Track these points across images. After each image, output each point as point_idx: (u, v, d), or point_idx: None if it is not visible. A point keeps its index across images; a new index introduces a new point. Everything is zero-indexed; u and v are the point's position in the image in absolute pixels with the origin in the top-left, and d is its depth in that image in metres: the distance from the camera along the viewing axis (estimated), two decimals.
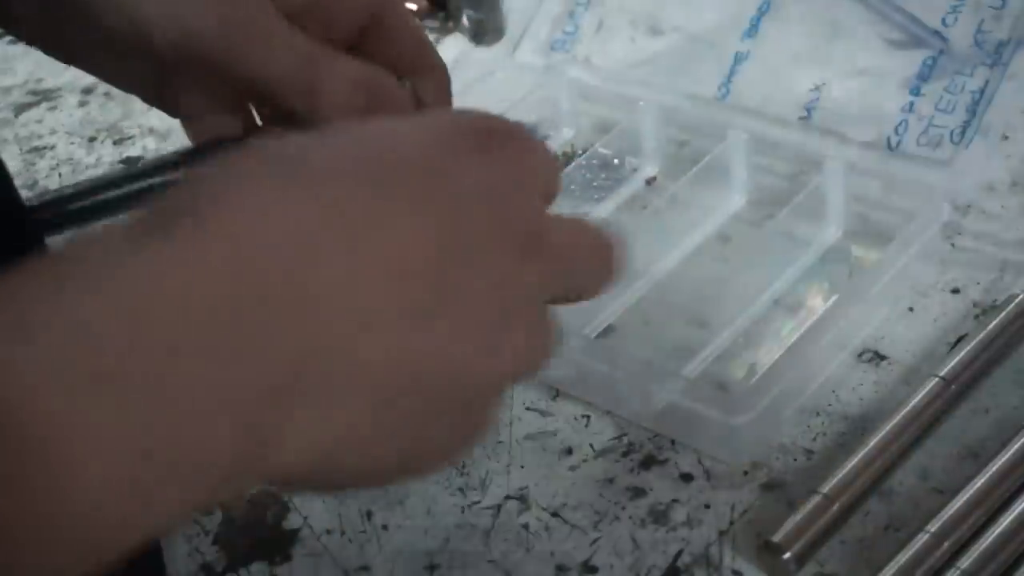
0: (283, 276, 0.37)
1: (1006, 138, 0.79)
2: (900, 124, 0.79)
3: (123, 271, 0.35)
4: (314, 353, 0.37)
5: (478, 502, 0.65)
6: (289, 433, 0.37)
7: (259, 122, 0.61)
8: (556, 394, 0.70)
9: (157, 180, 0.56)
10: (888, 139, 0.79)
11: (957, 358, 0.66)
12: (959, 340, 0.68)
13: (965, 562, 0.57)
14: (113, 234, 0.37)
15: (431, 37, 0.72)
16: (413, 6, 0.94)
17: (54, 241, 0.54)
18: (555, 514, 0.64)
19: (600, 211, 0.79)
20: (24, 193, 0.87)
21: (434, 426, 0.42)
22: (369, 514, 0.66)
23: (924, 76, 0.81)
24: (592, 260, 0.46)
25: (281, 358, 0.36)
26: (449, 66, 0.62)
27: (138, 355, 0.34)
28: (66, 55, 0.60)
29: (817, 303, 0.72)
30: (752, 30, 0.86)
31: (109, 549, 0.34)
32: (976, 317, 0.70)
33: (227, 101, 0.59)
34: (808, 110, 0.82)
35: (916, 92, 0.80)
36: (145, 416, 0.34)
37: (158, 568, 0.63)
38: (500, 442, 0.68)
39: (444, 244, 0.40)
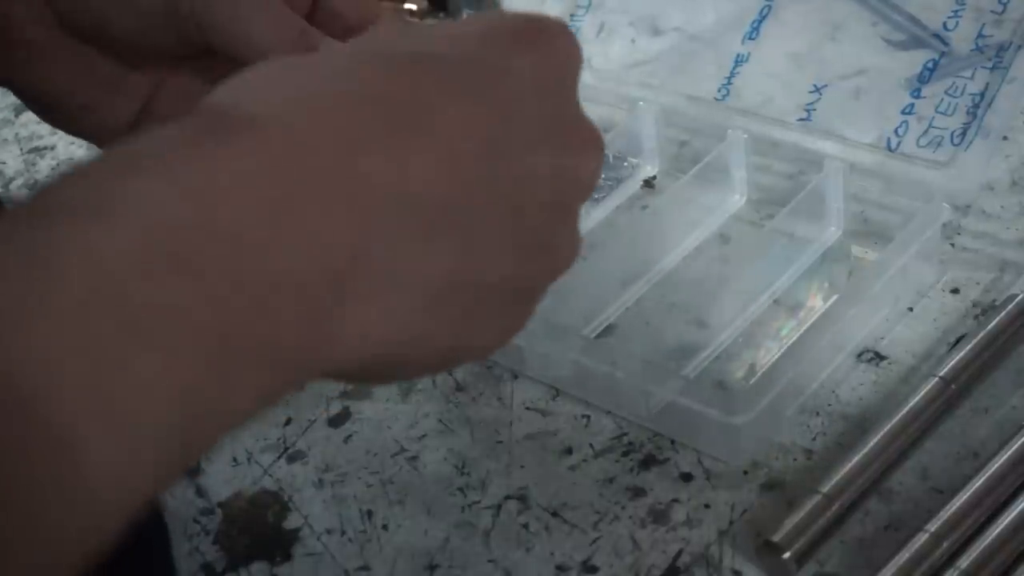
0: (335, 166, 0.37)
1: (1006, 139, 0.79)
2: (900, 125, 0.79)
3: (188, 166, 0.35)
4: (368, 243, 0.37)
5: (478, 502, 0.65)
6: (349, 324, 0.37)
7: None
8: (556, 394, 0.70)
9: None
10: (888, 140, 0.79)
11: (957, 358, 0.66)
12: (959, 340, 0.68)
13: (965, 562, 0.57)
14: (167, 136, 0.37)
15: None
16: (413, 6, 0.94)
17: None
18: (555, 514, 0.64)
19: (600, 211, 0.79)
20: (26, 194, 0.87)
21: (485, 317, 0.42)
22: (369, 514, 0.66)
23: (924, 79, 0.81)
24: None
25: (338, 247, 0.37)
26: None
27: (212, 242, 0.34)
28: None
29: (817, 303, 0.72)
30: (753, 32, 0.86)
31: (198, 439, 0.34)
32: (976, 317, 0.70)
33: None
34: (808, 110, 0.82)
35: (917, 94, 0.80)
36: (221, 301, 0.34)
37: (167, 569, 0.63)
38: (500, 442, 0.68)
39: (495, 136, 0.40)
